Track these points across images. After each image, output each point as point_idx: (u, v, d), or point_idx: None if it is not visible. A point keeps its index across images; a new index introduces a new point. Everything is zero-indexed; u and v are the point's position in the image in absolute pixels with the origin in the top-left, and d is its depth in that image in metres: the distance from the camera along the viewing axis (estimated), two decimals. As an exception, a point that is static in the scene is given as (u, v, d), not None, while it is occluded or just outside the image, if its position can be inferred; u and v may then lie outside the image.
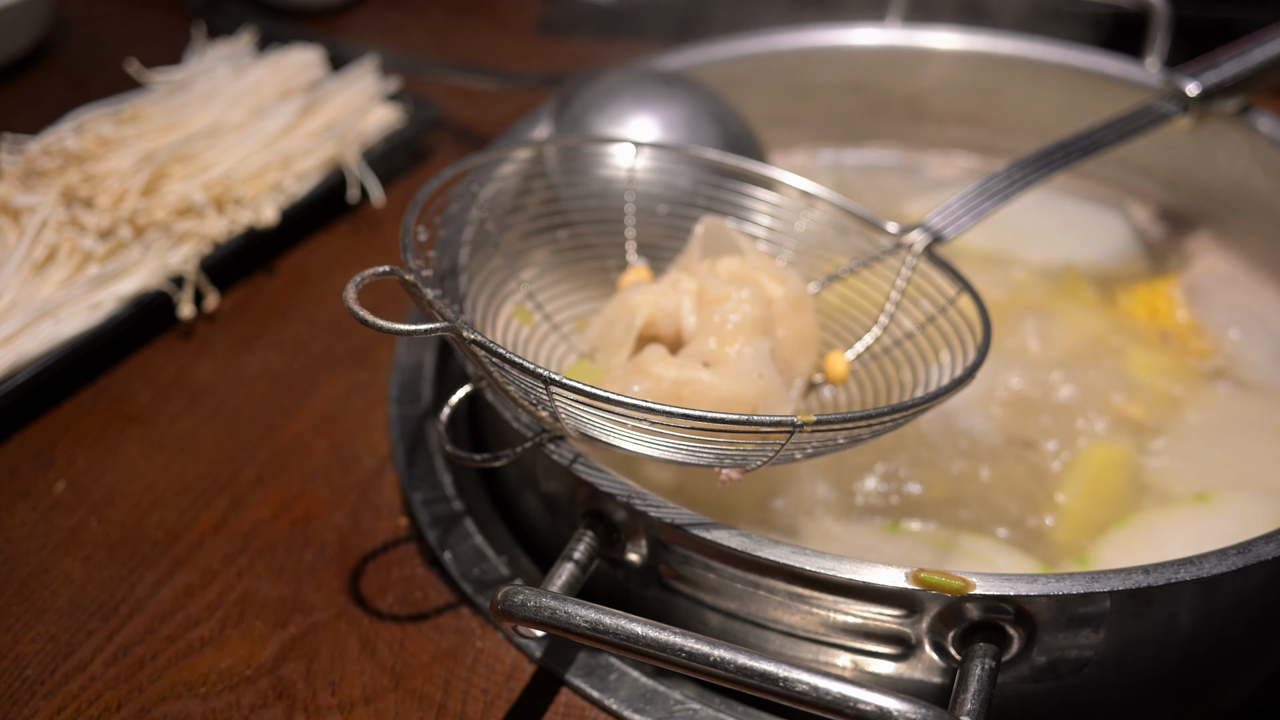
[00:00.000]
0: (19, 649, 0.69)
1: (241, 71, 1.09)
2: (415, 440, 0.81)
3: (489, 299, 0.77)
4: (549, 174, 0.85)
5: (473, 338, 0.57)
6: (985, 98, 1.04)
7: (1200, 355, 0.85)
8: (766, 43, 1.03)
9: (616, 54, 1.26)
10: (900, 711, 0.50)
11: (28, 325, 0.84)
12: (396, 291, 0.91)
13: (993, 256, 0.93)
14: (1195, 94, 0.88)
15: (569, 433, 0.62)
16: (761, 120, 0.96)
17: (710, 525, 0.60)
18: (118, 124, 1.00)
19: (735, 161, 0.80)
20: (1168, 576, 0.58)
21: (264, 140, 1.01)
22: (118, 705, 0.66)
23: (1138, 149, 0.92)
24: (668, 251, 0.80)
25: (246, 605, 0.71)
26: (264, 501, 0.78)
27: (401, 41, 1.34)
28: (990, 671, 0.57)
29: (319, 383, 0.88)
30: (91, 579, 0.73)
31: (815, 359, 0.74)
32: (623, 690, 0.66)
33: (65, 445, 0.83)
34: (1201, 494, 0.74)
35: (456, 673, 0.67)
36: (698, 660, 0.53)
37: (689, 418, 0.55)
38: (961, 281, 0.72)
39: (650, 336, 0.71)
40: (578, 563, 0.62)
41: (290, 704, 0.66)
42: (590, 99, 0.89)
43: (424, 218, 0.67)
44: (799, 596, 0.60)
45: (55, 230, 0.89)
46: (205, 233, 0.93)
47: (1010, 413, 0.79)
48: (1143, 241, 0.97)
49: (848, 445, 0.62)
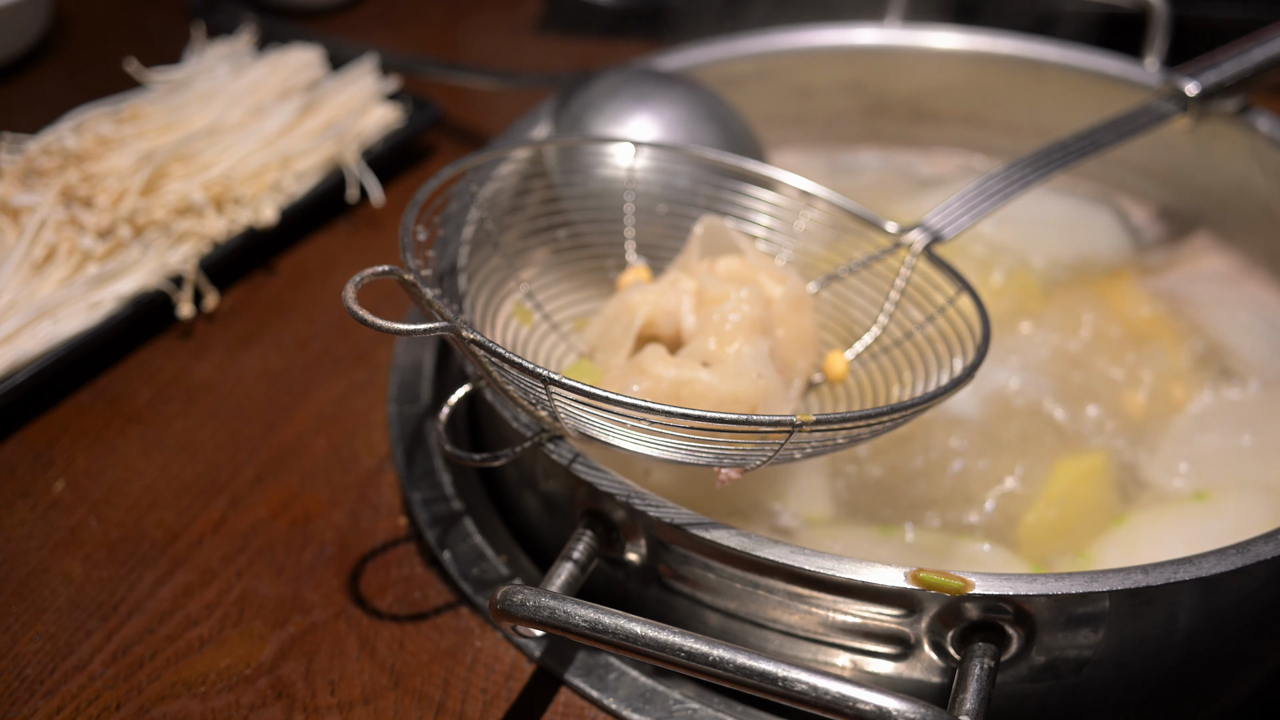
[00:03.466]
0: (18, 648, 0.69)
1: (241, 71, 1.09)
2: (414, 440, 0.81)
3: (488, 298, 0.77)
4: (548, 173, 0.85)
5: (472, 337, 0.57)
6: (985, 98, 1.04)
7: (1174, 339, 0.85)
8: (766, 42, 1.03)
9: (616, 54, 1.26)
10: (899, 711, 0.50)
11: (27, 325, 0.84)
12: (396, 291, 0.91)
13: (991, 256, 0.93)
14: (1194, 94, 0.88)
15: (568, 432, 0.62)
16: (761, 120, 0.96)
17: (710, 525, 0.60)
18: (117, 123, 1.00)
19: (735, 161, 0.80)
20: (1166, 576, 0.58)
21: (263, 140, 1.01)
22: (117, 705, 0.66)
23: (1137, 149, 0.92)
24: (667, 251, 0.80)
25: (246, 605, 0.71)
26: (263, 501, 0.78)
27: (401, 41, 1.34)
28: (989, 671, 0.57)
29: (318, 382, 0.88)
30: (91, 578, 0.73)
31: (814, 359, 0.74)
32: (622, 690, 0.66)
33: (64, 445, 0.83)
34: (1199, 493, 0.74)
35: (456, 672, 0.67)
36: (697, 660, 0.53)
37: (688, 417, 0.55)
38: (961, 281, 0.72)
39: (649, 336, 0.71)
40: (577, 562, 0.62)
41: (289, 703, 0.66)
42: (590, 99, 0.89)
43: (423, 217, 0.67)
44: (798, 596, 0.60)
45: (54, 230, 0.89)
46: (204, 232, 0.93)
47: (1009, 413, 0.79)
48: (1139, 240, 0.97)
49: (847, 445, 0.62)
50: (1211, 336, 0.86)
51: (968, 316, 0.71)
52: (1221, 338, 0.86)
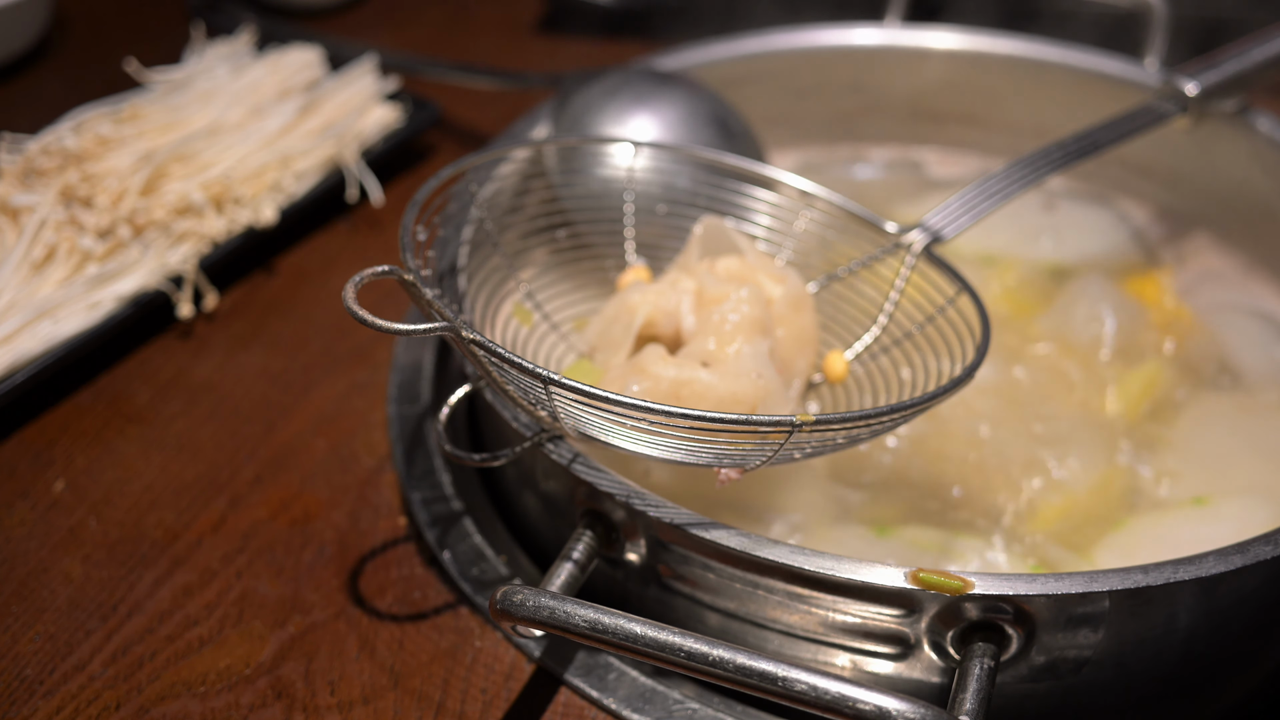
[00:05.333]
0: (18, 648, 0.69)
1: (240, 71, 1.09)
2: (414, 440, 0.81)
3: (488, 299, 0.77)
4: (548, 173, 0.85)
5: (472, 337, 0.57)
6: (985, 98, 1.04)
7: (1191, 339, 0.85)
8: (766, 42, 1.03)
9: (616, 54, 1.26)
10: (899, 711, 0.50)
11: (27, 325, 0.84)
12: (395, 291, 0.91)
13: (990, 256, 0.93)
14: (1194, 94, 0.88)
15: (568, 432, 0.62)
16: (761, 119, 0.96)
17: (709, 525, 0.60)
18: (117, 123, 1.00)
19: (734, 161, 0.80)
20: (1166, 576, 0.58)
21: (263, 140, 1.01)
22: (116, 705, 0.66)
23: (1137, 149, 0.92)
24: (667, 251, 0.80)
25: (245, 605, 0.71)
26: (263, 501, 0.78)
27: (401, 41, 1.34)
28: (989, 671, 0.57)
29: (318, 382, 0.88)
30: (90, 578, 0.73)
31: (814, 359, 0.74)
32: (622, 690, 0.66)
33: (64, 445, 0.83)
34: (1199, 497, 0.74)
35: (455, 672, 0.67)
36: (697, 660, 0.53)
37: (688, 417, 0.55)
38: (960, 281, 0.72)
39: (649, 336, 0.71)
40: (576, 562, 0.62)
41: (289, 704, 0.66)
42: (589, 98, 0.89)
43: (423, 217, 0.67)
44: (798, 596, 0.60)
45: (54, 230, 0.89)
46: (204, 232, 0.93)
47: (1007, 412, 0.79)
48: (1140, 241, 0.97)
49: (847, 445, 0.62)
50: (1211, 337, 0.86)
51: (968, 316, 0.71)
52: (1221, 338, 0.86)
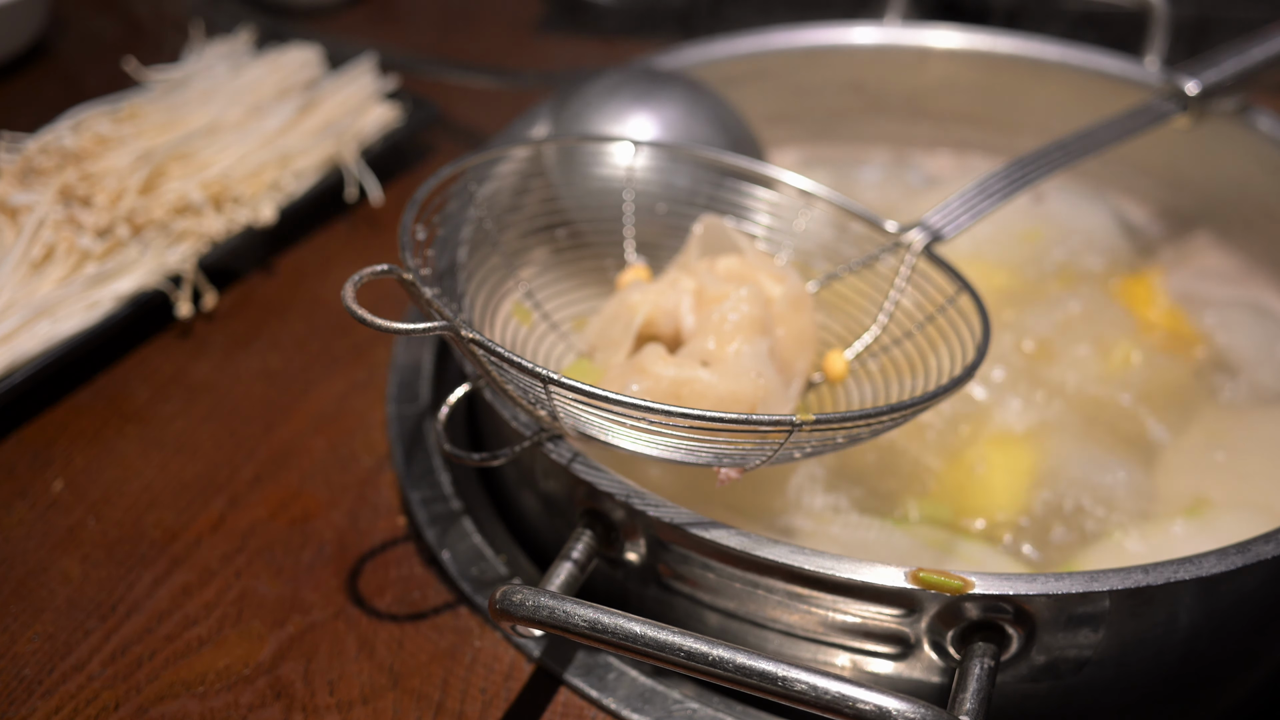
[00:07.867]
0: (16, 648, 0.69)
1: (239, 70, 1.09)
2: (413, 439, 0.81)
3: (487, 298, 0.77)
4: (548, 173, 0.85)
5: (471, 336, 0.57)
6: (985, 97, 1.04)
7: (1188, 341, 0.84)
8: (766, 42, 1.03)
9: (616, 54, 1.26)
10: (899, 711, 0.50)
11: (25, 324, 0.84)
12: (395, 290, 0.91)
13: (990, 255, 0.92)
14: (1195, 93, 0.88)
15: (567, 432, 0.62)
16: (761, 119, 0.96)
17: (709, 524, 0.60)
18: (115, 122, 1.00)
19: (734, 160, 0.80)
20: (1167, 576, 0.58)
21: (262, 139, 1.01)
22: (115, 705, 0.65)
23: (1137, 148, 0.92)
24: (667, 250, 0.80)
25: (244, 605, 0.71)
26: (262, 501, 0.78)
27: (400, 40, 1.34)
28: (989, 671, 0.57)
29: (317, 382, 0.88)
30: (89, 578, 0.73)
31: (814, 358, 0.74)
32: (621, 689, 0.66)
33: (63, 444, 0.83)
34: (1193, 508, 0.73)
35: (455, 672, 0.67)
36: (696, 659, 0.53)
37: (688, 417, 0.55)
38: (960, 280, 0.72)
39: (649, 335, 0.71)
40: (576, 562, 0.62)
41: (288, 703, 0.66)
42: (589, 98, 0.89)
43: (422, 216, 0.67)
44: (798, 596, 0.60)
45: (53, 229, 0.89)
46: (203, 231, 0.93)
47: (1005, 413, 0.79)
48: (1137, 241, 0.97)
49: (847, 444, 0.62)
50: (1211, 338, 0.86)
51: (968, 316, 0.71)
52: (1221, 339, 0.86)
